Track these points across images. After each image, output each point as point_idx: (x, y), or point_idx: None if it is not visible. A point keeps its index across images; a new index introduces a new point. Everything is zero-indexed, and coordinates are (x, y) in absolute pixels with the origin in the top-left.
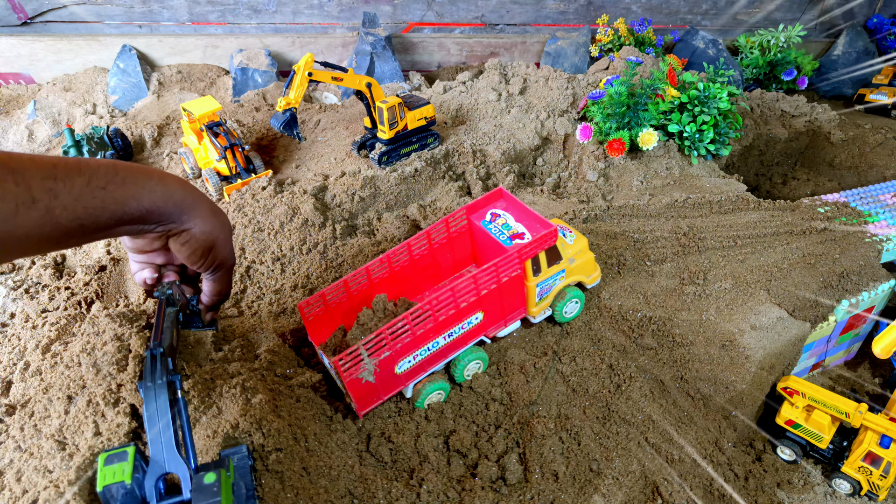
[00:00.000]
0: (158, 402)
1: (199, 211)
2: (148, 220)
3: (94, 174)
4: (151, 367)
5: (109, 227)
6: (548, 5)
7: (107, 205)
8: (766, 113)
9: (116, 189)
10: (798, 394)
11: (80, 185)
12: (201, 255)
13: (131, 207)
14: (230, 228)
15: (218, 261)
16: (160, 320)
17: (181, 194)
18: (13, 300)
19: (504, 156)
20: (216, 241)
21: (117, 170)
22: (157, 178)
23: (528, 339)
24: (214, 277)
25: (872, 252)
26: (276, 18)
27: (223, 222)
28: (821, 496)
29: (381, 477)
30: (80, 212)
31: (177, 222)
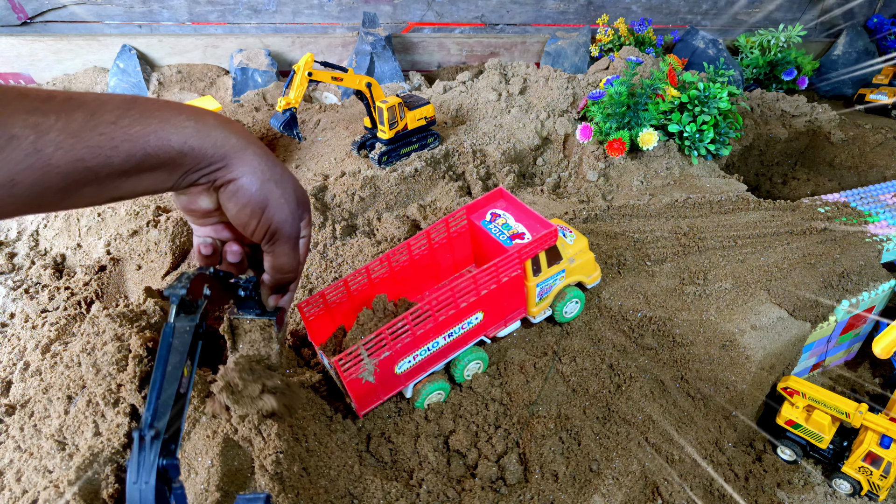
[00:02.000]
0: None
1: (249, 156)
2: (181, 165)
3: (101, 107)
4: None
5: (128, 172)
6: (548, 5)
7: (119, 143)
8: (767, 113)
9: (132, 124)
10: (798, 394)
11: (79, 120)
12: (251, 215)
13: (153, 146)
14: (293, 187)
15: (273, 226)
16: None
17: (221, 133)
18: (13, 300)
19: (504, 156)
20: (269, 198)
21: (135, 102)
22: (189, 112)
23: (528, 339)
24: (272, 249)
25: (872, 252)
26: (276, 18)
27: (281, 177)
28: (821, 496)
29: (380, 477)
30: (83, 152)
31: (220, 168)
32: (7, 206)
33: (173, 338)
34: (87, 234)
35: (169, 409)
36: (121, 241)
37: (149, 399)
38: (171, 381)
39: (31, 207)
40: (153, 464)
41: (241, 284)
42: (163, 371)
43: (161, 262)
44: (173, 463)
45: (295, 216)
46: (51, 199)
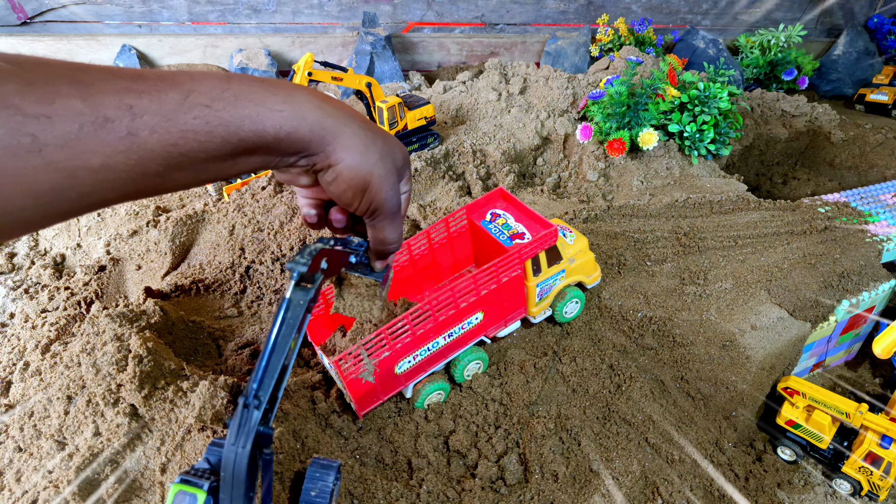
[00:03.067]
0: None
1: (347, 139)
2: (277, 150)
3: (196, 88)
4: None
5: (223, 156)
6: (548, 5)
7: (213, 128)
8: (767, 113)
9: (226, 108)
10: (798, 394)
11: (173, 102)
12: (353, 195)
13: (247, 133)
14: (395, 162)
15: (375, 204)
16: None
17: (317, 116)
18: (13, 300)
19: (504, 156)
20: (370, 179)
21: (229, 83)
22: (283, 93)
23: (528, 339)
24: (373, 224)
25: (873, 252)
26: (275, 18)
27: (382, 154)
28: (821, 496)
29: (380, 477)
30: (177, 136)
31: (317, 154)
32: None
33: (288, 311)
34: (86, 234)
35: (273, 379)
36: (121, 241)
37: (256, 368)
38: (279, 352)
39: (129, 193)
40: (252, 430)
41: (353, 248)
42: (273, 342)
43: (161, 262)
44: (268, 432)
45: (395, 191)
46: (147, 183)
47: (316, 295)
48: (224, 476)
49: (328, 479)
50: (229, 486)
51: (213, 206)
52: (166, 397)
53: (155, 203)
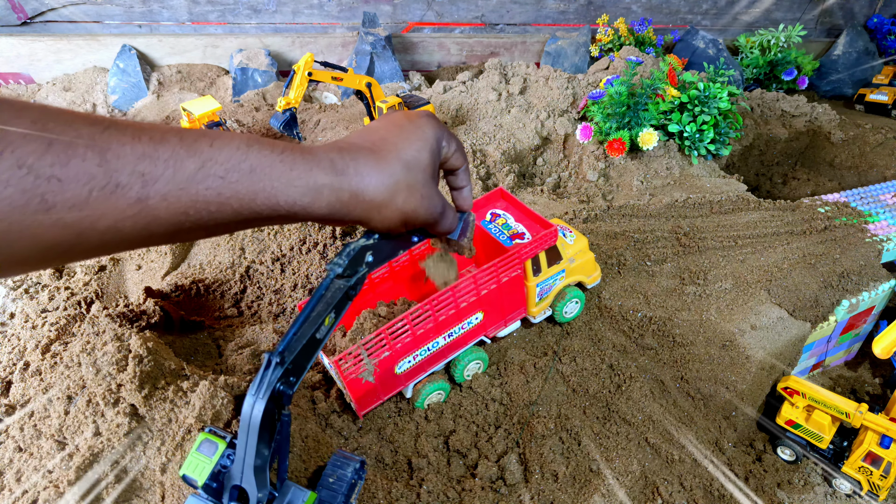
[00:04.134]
0: (254, 412)
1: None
2: (295, 218)
3: (213, 157)
4: (262, 374)
5: (236, 224)
6: (548, 5)
7: (226, 200)
8: (767, 113)
9: (240, 181)
10: (798, 394)
11: (188, 172)
12: (397, 228)
13: (260, 206)
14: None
15: (420, 223)
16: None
17: (334, 190)
18: (13, 300)
19: (504, 156)
20: (406, 216)
21: (248, 153)
22: (301, 170)
23: (528, 339)
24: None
25: (873, 252)
26: (275, 18)
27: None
28: (821, 496)
29: (381, 477)
30: (187, 206)
31: (345, 221)
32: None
33: (327, 291)
34: None
35: (300, 346)
36: None
37: (287, 332)
38: (311, 324)
39: (135, 246)
40: (271, 385)
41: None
42: (307, 314)
43: (161, 262)
44: (288, 392)
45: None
46: (156, 241)
47: (357, 284)
48: (241, 426)
49: (348, 469)
50: (245, 435)
51: None
52: (166, 397)
53: None
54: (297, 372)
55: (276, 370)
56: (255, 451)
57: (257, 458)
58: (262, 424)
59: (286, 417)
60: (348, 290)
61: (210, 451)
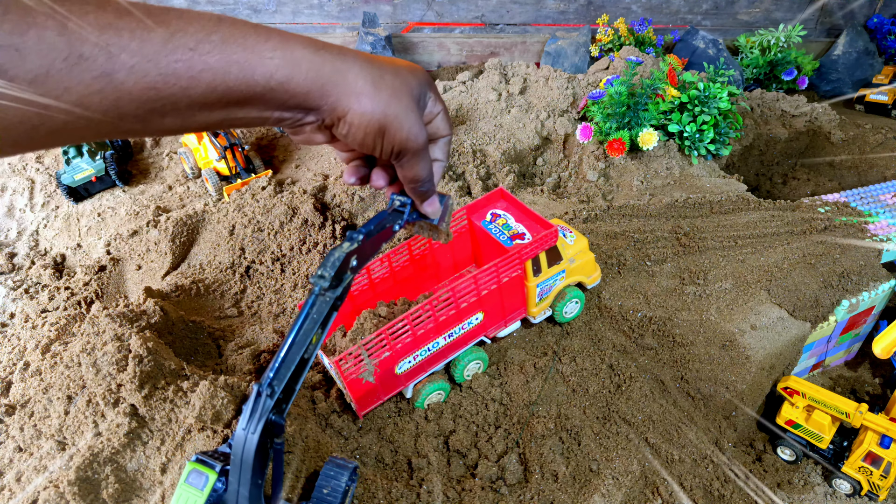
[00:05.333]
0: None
1: (350, 85)
2: (272, 102)
3: (182, 29)
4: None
5: (211, 105)
6: (548, 5)
7: (197, 73)
8: (767, 113)
9: (211, 52)
10: (798, 394)
11: (155, 43)
12: (372, 141)
13: (236, 81)
14: (409, 93)
15: (398, 146)
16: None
17: (313, 63)
18: (13, 300)
19: (504, 156)
20: (386, 121)
21: (219, 24)
22: (276, 41)
23: (528, 340)
24: (401, 164)
25: (872, 252)
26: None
27: (392, 92)
28: (821, 496)
29: (381, 477)
30: (156, 80)
31: (322, 108)
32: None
33: (313, 307)
34: (87, 234)
35: (290, 372)
36: (121, 241)
37: (275, 358)
38: (298, 346)
39: (110, 132)
40: (263, 417)
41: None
42: (294, 337)
43: (161, 262)
44: (280, 421)
45: (417, 125)
46: (129, 125)
47: (344, 293)
48: (234, 459)
49: (342, 478)
50: (238, 469)
51: (213, 206)
52: (166, 397)
53: (155, 203)
54: (287, 398)
55: (267, 401)
56: (250, 483)
57: (253, 488)
58: (256, 456)
59: (279, 446)
60: (335, 301)
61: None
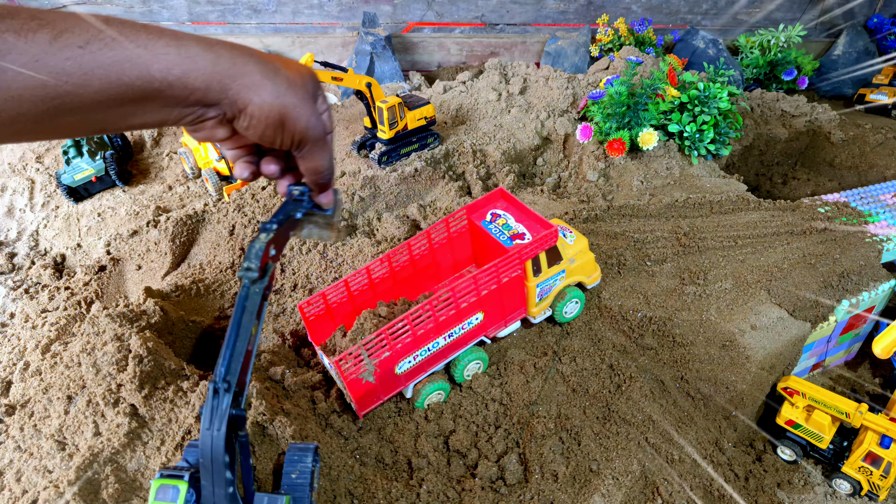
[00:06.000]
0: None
1: (248, 78)
2: (172, 99)
3: (69, 28)
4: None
5: (108, 103)
6: (548, 5)
7: (89, 71)
8: (767, 113)
9: (102, 50)
10: (798, 394)
11: (42, 42)
12: (273, 133)
13: (132, 77)
14: (306, 85)
15: (298, 135)
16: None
17: (210, 58)
18: (13, 300)
19: (504, 156)
20: (285, 111)
21: (106, 26)
22: (170, 37)
23: (528, 340)
24: (302, 154)
25: (873, 252)
26: (275, 18)
27: (290, 83)
28: (821, 496)
29: (381, 477)
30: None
31: (222, 101)
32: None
33: (247, 300)
34: (87, 234)
35: (240, 364)
36: (121, 241)
37: (223, 355)
38: (242, 339)
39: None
40: (225, 413)
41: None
42: (236, 331)
43: (161, 262)
44: (241, 414)
45: (315, 115)
46: (24, 127)
47: (271, 282)
48: (203, 462)
49: (306, 460)
50: (209, 471)
51: (213, 206)
52: (166, 397)
53: (155, 203)
54: (241, 391)
55: (226, 396)
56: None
57: (228, 486)
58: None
59: (244, 438)
60: (265, 292)
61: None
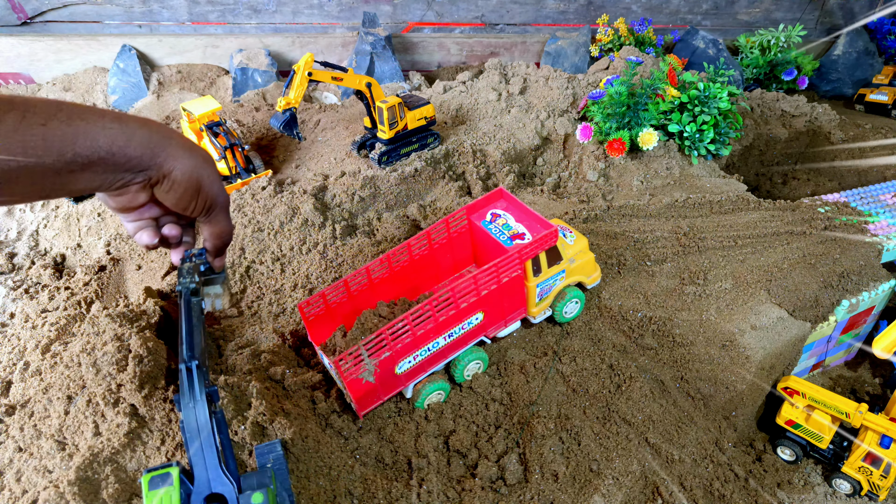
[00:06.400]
0: (199, 417)
1: (173, 150)
2: (112, 165)
3: (31, 110)
4: (188, 382)
5: (60, 170)
6: (548, 5)
7: (50, 143)
8: (767, 113)
9: (60, 126)
10: (798, 394)
11: (11, 121)
12: (190, 198)
13: (83, 148)
14: (213, 162)
15: (209, 201)
16: (189, 322)
17: (144, 133)
18: (13, 300)
19: (504, 156)
20: (201, 179)
21: (61, 106)
22: (112, 116)
23: (528, 339)
24: (210, 219)
25: (872, 252)
26: (275, 18)
27: (204, 157)
28: (821, 496)
29: (381, 477)
30: (16, 150)
31: (150, 167)
32: None
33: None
34: (87, 234)
35: (199, 344)
36: (121, 241)
37: (184, 341)
38: (197, 325)
39: None
40: (201, 385)
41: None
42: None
43: (161, 263)
44: (213, 389)
45: (221, 186)
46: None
47: None
48: (190, 437)
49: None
50: (197, 441)
51: None
52: (166, 397)
53: None
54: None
55: (199, 373)
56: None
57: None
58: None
59: (219, 414)
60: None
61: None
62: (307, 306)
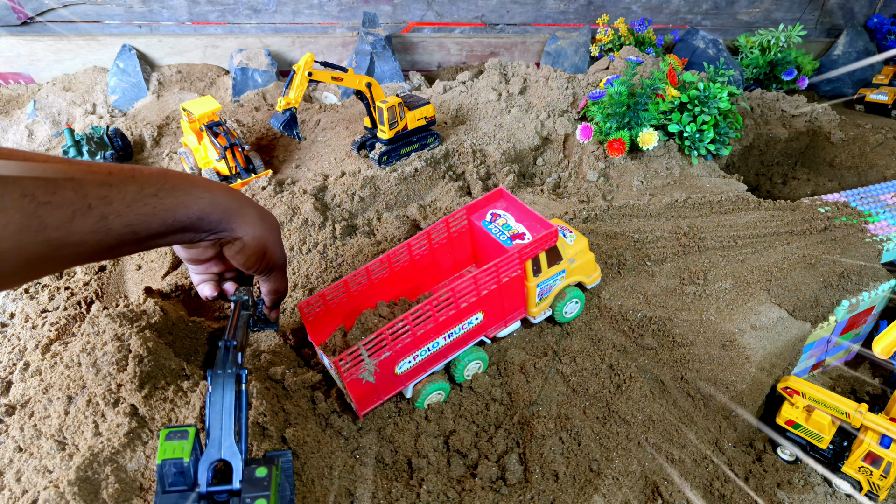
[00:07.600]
0: (225, 391)
1: (248, 217)
2: (198, 228)
3: (147, 182)
4: (224, 358)
5: (161, 234)
6: (548, 5)
7: (158, 212)
8: (767, 113)
9: (167, 196)
10: (798, 394)
11: (132, 193)
12: (256, 260)
13: (181, 214)
14: (279, 229)
15: (271, 263)
16: (235, 319)
17: (227, 201)
18: (13, 300)
19: (504, 156)
20: (267, 244)
21: (167, 177)
22: (203, 185)
23: (528, 340)
24: (270, 278)
25: (872, 252)
26: (275, 18)
27: (272, 225)
28: (821, 496)
29: (381, 477)
30: (133, 219)
31: (227, 230)
32: (67, 261)
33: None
34: None
35: (241, 337)
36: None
37: (229, 327)
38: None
39: (81, 260)
40: (233, 362)
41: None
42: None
43: (161, 263)
44: (244, 371)
45: (282, 249)
46: (101, 255)
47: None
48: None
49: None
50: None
51: None
52: (166, 397)
53: None
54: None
55: (233, 352)
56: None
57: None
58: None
59: (245, 395)
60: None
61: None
62: (307, 306)
